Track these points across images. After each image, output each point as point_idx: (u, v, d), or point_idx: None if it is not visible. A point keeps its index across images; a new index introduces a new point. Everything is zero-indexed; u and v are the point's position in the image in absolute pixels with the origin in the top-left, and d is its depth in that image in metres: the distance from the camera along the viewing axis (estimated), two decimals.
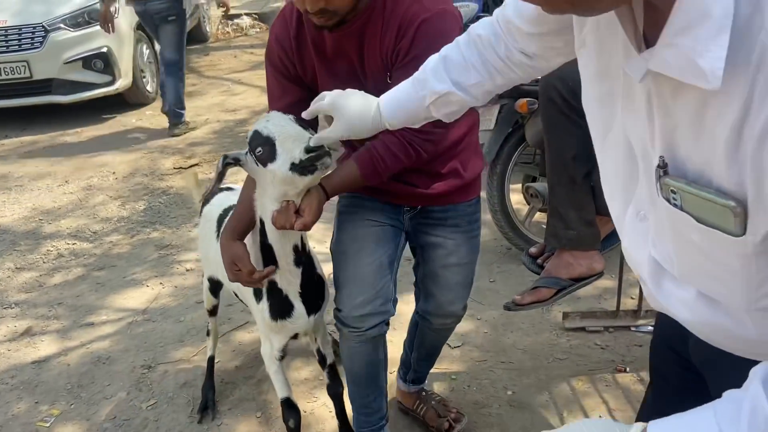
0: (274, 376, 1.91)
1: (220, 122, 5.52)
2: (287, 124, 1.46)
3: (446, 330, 2.05)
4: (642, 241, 0.90)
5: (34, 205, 4.16)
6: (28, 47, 5.26)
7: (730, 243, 0.73)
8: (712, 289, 0.84)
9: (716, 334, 0.90)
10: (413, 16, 1.48)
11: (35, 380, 2.57)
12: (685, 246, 0.81)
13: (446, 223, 1.80)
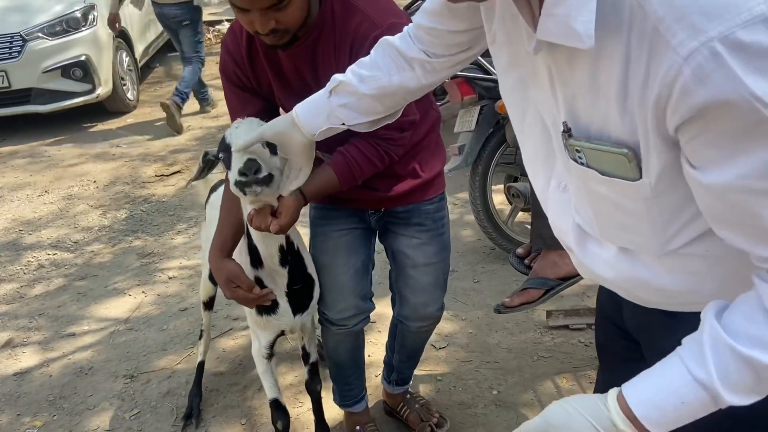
0: (263, 376, 1.92)
1: (202, 129, 5.50)
2: (246, 136, 1.41)
3: (426, 332, 2.04)
4: (565, 210, 0.97)
5: (13, 216, 4.11)
6: (5, 57, 5.21)
7: (632, 189, 0.82)
8: (628, 240, 0.91)
9: (638, 289, 0.96)
10: (364, 33, 1.48)
11: (17, 392, 2.53)
12: (598, 203, 0.89)
13: (410, 222, 1.81)
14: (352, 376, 2.06)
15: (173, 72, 7.30)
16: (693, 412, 0.81)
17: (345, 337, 1.92)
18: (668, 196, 0.83)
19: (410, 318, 1.95)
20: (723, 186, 0.73)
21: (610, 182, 0.83)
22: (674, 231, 0.86)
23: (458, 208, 3.77)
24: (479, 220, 3.12)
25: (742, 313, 0.79)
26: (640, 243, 0.89)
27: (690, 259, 0.89)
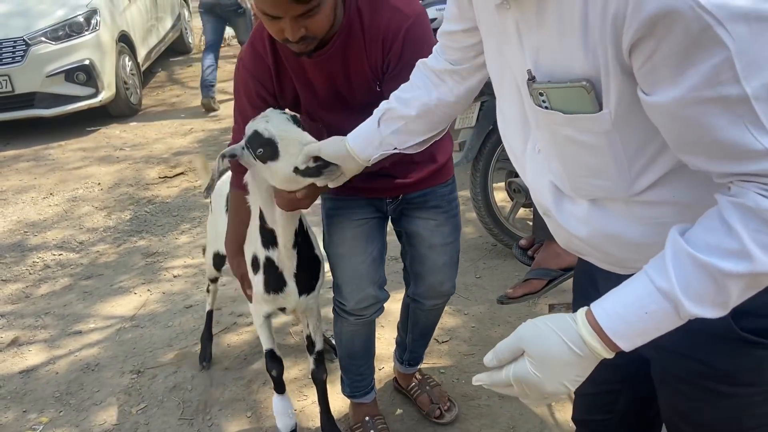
0: (259, 330, 2.00)
1: (204, 131, 5.53)
2: (288, 126, 1.46)
3: (437, 310, 2.10)
4: (541, 170, 1.02)
5: (18, 218, 4.14)
6: (9, 61, 5.25)
7: (593, 123, 0.86)
8: (596, 186, 0.94)
9: (610, 246, 0.99)
10: (397, 27, 1.50)
11: (23, 389, 2.56)
12: (565, 149, 0.94)
13: (427, 205, 1.87)
14: (364, 366, 2.10)
15: (175, 76, 7.35)
16: (657, 323, 0.84)
17: (361, 327, 1.96)
18: (629, 130, 0.86)
19: (425, 296, 2.00)
20: (677, 102, 0.76)
21: (573, 120, 0.88)
22: (639, 169, 0.89)
23: (460, 205, 3.79)
24: (481, 216, 3.14)
25: (703, 226, 0.82)
26: (607, 187, 0.93)
27: (659, 208, 0.93)
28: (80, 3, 5.65)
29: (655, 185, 0.91)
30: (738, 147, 0.76)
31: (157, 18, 7.06)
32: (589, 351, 0.87)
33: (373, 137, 1.35)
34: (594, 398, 1.29)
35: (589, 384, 1.26)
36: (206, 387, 2.47)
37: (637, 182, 0.91)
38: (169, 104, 6.39)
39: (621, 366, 1.18)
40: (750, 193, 0.78)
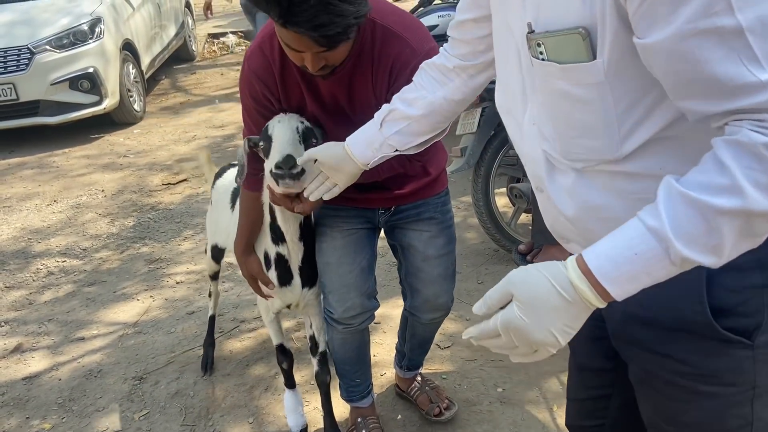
0: (269, 326, 2.10)
1: (207, 138, 5.55)
2: (286, 132, 1.57)
3: (436, 324, 2.08)
4: (536, 142, 1.03)
5: (22, 225, 4.16)
6: (13, 69, 5.28)
7: (587, 72, 0.88)
8: (586, 148, 0.94)
9: (592, 221, 0.99)
10: (406, 60, 1.53)
11: (26, 396, 2.57)
12: (558, 107, 0.95)
13: (421, 216, 1.87)
14: (358, 372, 2.09)
15: (178, 83, 7.38)
16: (647, 265, 0.82)
17: (350, 335, 1.96)
18: (620, 84, 0.87)
19: (422, 310, 1.99)
20: (673, 38, 0.78)
21: (567, 70, 0.89)
22: (628, 129, 0.90)
23: (461, 211, 3.80)
24: (482, 222, 3.14)
25: (696, 169, 0.82)
26: (596, 148, 0.93)
27: (643, 182, 0.92)
28: (84, 11, 5.69)
29: (642, 152, 0.91)
30: (733, 81, 0.77)
31: (160, 26, 7.09)
32: (577, 295, 0.85)
33: (374, 139, 1.36)
34: (586, 403, 1.29)
35: (580, 389, 1.28)
36: (208, 393, 2.48)
37: (625, 143, 0.91)
38: (173, 111, 6.42)
39: (611, 371, 1.20)
40: (743, 130, 0.78)
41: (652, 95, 0.88)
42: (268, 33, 1.59)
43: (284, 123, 1.59)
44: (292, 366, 2.16)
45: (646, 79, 0.86)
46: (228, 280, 3.29)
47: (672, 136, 0.90)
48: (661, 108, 0.89)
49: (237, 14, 10.56)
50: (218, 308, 3.01)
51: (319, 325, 2.05)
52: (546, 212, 1.10)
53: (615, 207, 0.96)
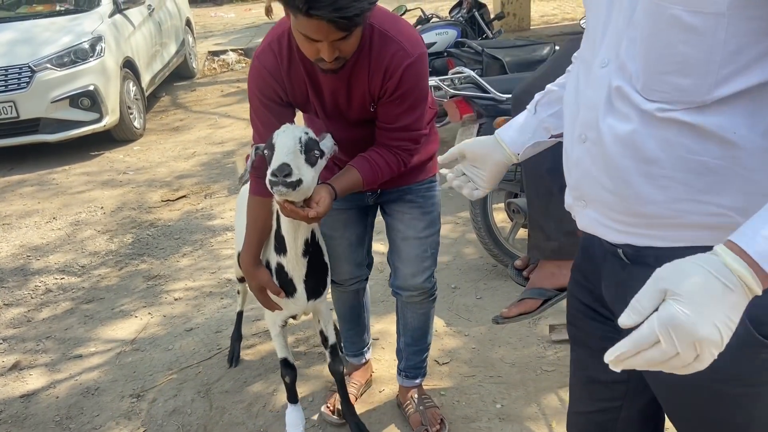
0: (275, 339, 2.15)
1: (207, 155, 5.57)
2: (287, 141, 1.60)
3: (417, 306, 2.19)
4: (602, 83, 0.99)
5: (21, 243, 4.17)
6: (14, 88, 5.31)
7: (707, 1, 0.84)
8: (674, 86, 0.90)
9: (637, 174, 0.96)
10: (399, 61, 1.68)
11: (24, 413, 2.55)
12: (660, 37, 0.90)
13: (404, 198, 2.04)
14: (351, 331, 2.42)
15: (179, 100, 7.42)
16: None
17: (344, 293, 2.29)
18: (739, 21, 0.84)
19: (401, 287, 2.15)
20: None
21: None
22: (727, 72, 0.87)
23: (460, 226, 3.80)
24: (480, 237, 3.15)
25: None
26: (687, 88, 0.89)
27: (712, 144, 0.90)
28: (86, 30, 5.74)
29: (728, 104, 0.88)
30: None
31: (161, 44, 7.15)
32: (737, 281, 0.78)
33: (528, 123, 1.31)
34: (593, 416, 1.27)
35: (588, 402, 1.26)
36: (206, 411, 2.46)
37: (718, 88, 0.88)
38: (173, 128, 6.45)
39: (624, 382, 1.19)
40: None
41: (763, 45, 0.85)
42: (277, 34, 1.73)
43: (288, 132, 1.63)
44: (295, 380, 2.19)
45: (765, 25, 0.84)
46: (226, 296, 3.29)
47: (760, 98, 0.87)
48: (764, 62, 0.86)
49: (237, 32, 10.65)
50: (218, 325, 3.01)
51: (326, 320, 2.15)
52: (579, 165, 1.05)
53: (669, 164, 0.93)
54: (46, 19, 5.99)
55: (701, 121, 0.90)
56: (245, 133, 6.00)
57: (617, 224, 1.02)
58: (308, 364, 2.68)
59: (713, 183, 0.92)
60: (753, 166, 0.90)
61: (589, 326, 1.21)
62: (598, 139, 1.00)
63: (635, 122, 0.95)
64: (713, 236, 0.93)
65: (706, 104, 0.89)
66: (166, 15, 7.46)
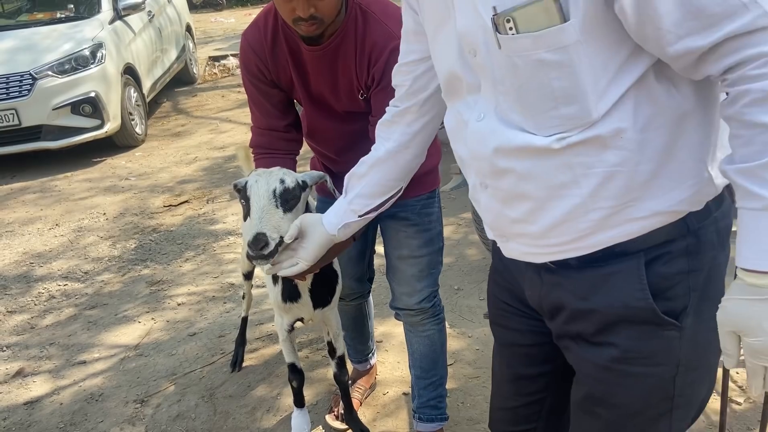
0: (282, 344, 2.13)
1: (209, 159, 5.58)
2: (261, 199, 1.51)
3: (418, 327, 2.05)
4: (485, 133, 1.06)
5: (24, 250, 4.17)
6: (16, 95, 5.32)
7: (561, 36, 0.90)
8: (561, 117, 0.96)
9: (553, 199, 1.02)
10: (383, 44, 1.60)
11: (28, 420, 2.55)
12: (532, 81, 0.96)
13: (397, 216, 1.89)
14: (354, 340, 2.41)
15: (180, 106, 7.44)
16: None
17: (346, 306, 2.25)
18: (595, 40, 0.91)
19: (397, 308, 2.05)
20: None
21: (542, 37, 0.92)
22: (603, 87, 0.93)
23: (462, 227, 3.80)
24: (483, 238, 3.14)
25: (738, 146, 0.89)
26: (573, 115, 0.95)
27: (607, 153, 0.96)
28: (86, 37, 5.75)
29: (614, 112, 0.94)
30: (715, 4, 0.82)
31: (162, 50, 7.16)
32: (763, 290, 0.88)
33: (340, 206, 1.42)
34: (519, 410, 1.32)
35: (513, 398, 1.33)
36: (210, 415, 2.46)
37: (602, 101, 0.93)
38: (174, 134, 6.46)
39: (548, 374, 1.26)
40: (750, 87, 0.84)
41: (623, 52, 0.92)
42: (264, 12, 1.70)
43: (261, 184, 1.53)
44: (302, 385, 2.18)
45: (619, 34, 0.90)
46: (230, 300, 3.29)
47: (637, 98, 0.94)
48: (633, 63, 0.93)
49: (237, 37, 10.67)
50: (223, 329, 3.01)
51: (336, 332, 2.12)
52: (489, 209, 1.12)
53: (573, 184, 0.99)
54: (47, 26, 6.00)
55: (596, 133, 0.95)
56: (246, 137, 6.00)
57: (539, 248, 1.07)
58: (312, 367, 2.68)
59: (614, 187, 0.98)
60: (638, 159, 0.97)
61: (515, 323, 1.26)
62: (497, 183, 1.07)
63: (532, 158, 1.00)
64: (628, 230, 1.00)
65: (599, 118, 0.95)
66: (166, 21, 7.47)
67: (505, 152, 1.03)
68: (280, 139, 1.86)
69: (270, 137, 1.86)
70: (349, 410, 2.24)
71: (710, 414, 2.20)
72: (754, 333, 0.90)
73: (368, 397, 2.47)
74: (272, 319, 3.06)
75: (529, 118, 0.99)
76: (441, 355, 2.11)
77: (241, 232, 4.00)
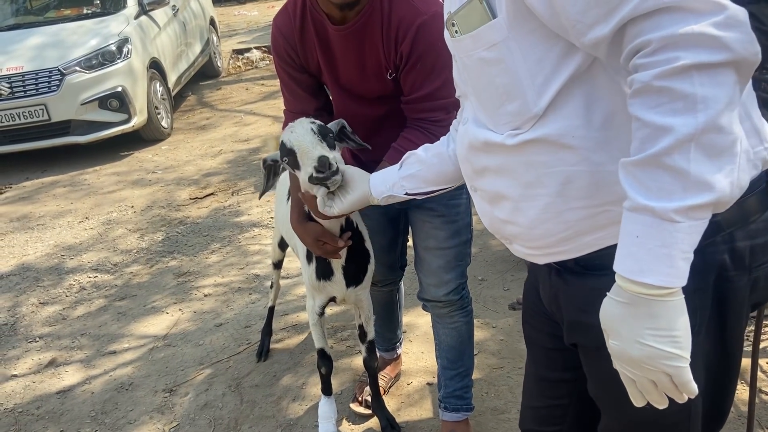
0: (312, 329, 2.15)
1: (233, 152, 5.63)
2: (305, 137, 1.57)
3: (445, 318, 2.05)
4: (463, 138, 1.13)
5: (56, 242, 4.26)
6: (45, 91, 5.42)
7: (493, 32, 0.95)
8: (511, 113, 1.00)
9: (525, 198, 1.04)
10: (410, 21, 1.57)
11: (60, 409, 2.62)
12: (481, 80, 1.02)
13: (424, 206, 1.89)
14: (382, 327, 2.41)
15: (204, 99, 7.50)
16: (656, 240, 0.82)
17: (377, 293, 2.25)
18: (524, 36, 0.94)
19: (424, 299, 2.05)
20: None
21: (477, 37, 0.98)
22: (541, 82, 0.95)
23: None
24: None
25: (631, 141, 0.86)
26: (518, 111, 0.99)
27: (560, 153, 0.98)
28: (112, 32, 5.83)
29: (555, 108, 0.96)
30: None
31: (186, 44, 7.22)
32: (629, 294, 0.85)
33: (390, 177, 1.44)
34: (544, 411, 1.32)
35: (538, 398, 1.33)
36: (236, 404, 2.50)
37: (541, 97, 0.96)
38: (200, 127, 6.52)
39: (571, 381, 1.24)
40: (635, 77, 0.82)
41: (558, 47, 0.93)
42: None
43: (297, 129, 1.59)
44: (330, 372, 2.19)
45: (547, 29, 0.92)
46: (255, 291, 3.32)
47: (593, 94, 0.94)
48: (568, 59, 0.93)
49: (260, 30, 10.72)
50: (248, 320, 3.05)
51: (368, 315, 2.13)
52: (484, 213, 1.16)
53: (539, 184, 1.01)
54: (74, 22, 6.09)
55: (544, 133, 0.97)
56: (270, 129, 6.04)
57: (533, 250, 1.09)
58: (337, 357, 2.70)
59: (581, 188, 0.97)
60: (601, 159, 0.95)
61: (538, 323, 1.26)
62: (481, 183, 1.11)
63: (501, 155, 1.04)
64: (611, 233, 0.98)
65: (539, 116, 0.97)
66: (190, 15, 7.53)
67: (476, 149, 1.08)
68: None
69: None
70: (377, 396, 2.25)
71: (739, 405, 2.17)
72: (613, 335, 0.89)
73: (393, 386, 2.49)
74: (298, 309, 3.09)
75: (489, 116, 1.04)
76: (468, 347, 2.11)
77: (265, 223, 4.04)
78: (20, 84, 5.39)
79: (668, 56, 0.78)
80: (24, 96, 5.39)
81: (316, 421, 2.26)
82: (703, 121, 0.77)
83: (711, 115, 0.77)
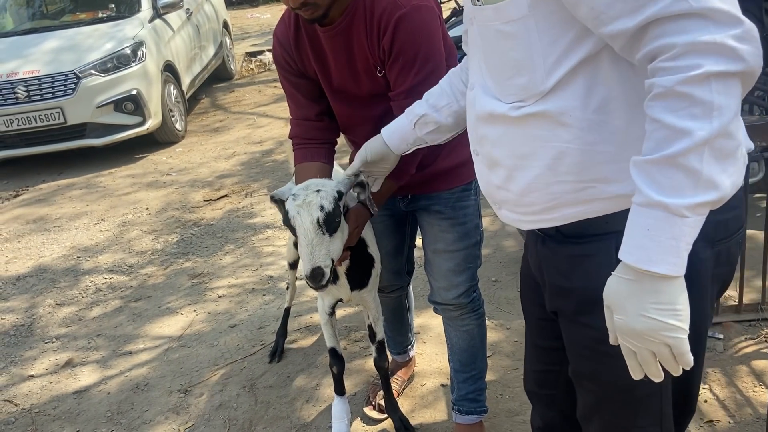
0: (324, 328, 2.17)
1: (247, 154, 5.65)
2: (309, 231, 1.57)
3: (456, 321, 2.04)
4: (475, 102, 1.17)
5: (72, 244, 4.30)
6: (61, 94, 5.48)
7: (513, 8, 1.00)
8: (518, 87, 1.06)
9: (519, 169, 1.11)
10: (390, 14, 1.59)
11: (76, 409, 2.64)
12: (494, 49, 1.07)
13: (431, 209, 1.92)
14: (393, 331, 2.41)
15: (218, 102, 7.55)
16: (665, 233, 0.89)
17: (386, 297, 2.25)
18: (543, 17, 0.99)
19: (435, 302, 2.05)
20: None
21: (499, 9, 1.03)
22: (552, 61, 1.01)
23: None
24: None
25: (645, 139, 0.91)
26: (526, 85, 1.05)
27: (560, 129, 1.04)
28: (127, 36, 5.88)
29: (563, 87, 1.01)
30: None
31: (200, 47, 7.27)
32: (635, 273, 0.92)
33: (409, 136, 1.52)
34: (541, 375, 1.42)
35: (536, 362, 1.44)
36: (251, 405, 2.51)
37: (550, 76, 1.02)
38: (213, 129, 6.56)
39: (560, 350, 1.31)
40: (657, 81, 0.87)
41: (573, 32, 0.98)
42: None
43: (304, 217, 1.56)
44: (342, 371, 2.20)
45: (566, 13, 0.97)
46: (268, 293, 3.34)
47: (588, 79, 1.00)
48: (580, 44, 0.99)
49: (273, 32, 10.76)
50: (261, 321, 3.06)
51: (376, 316, 2.13)
52: (481, 176, 1.23)
53: (534, 155, 1.08)
54: (89, 26, 6.16)
55: (545, 108, 1.03)
56: (283, 131, 6.06)
57: (521, 215, 1.16)
58: (350, 358, 2.70)
59: (571, 164, 1.05)
60: (593, 140, 1.03)
61: (530, 293, 1.36)
62: (482, 149, 1.18)
63: (502, 126, 1.11)
64: (592, 208, 1.07)
65: (546, 93, 1.03)
66: (203, 18, 7.59)
67: (482, 119, 1.15)
68: (314, 129, 1.88)
69: (305, 127, 1.89)
70: (390, 398, 2.25)
71: (757, 407, 2.15)
72: (618, 310, 0.95)
73: (406, 388, 2.49)
74: (311, 310, 3.10)
75: (497, 85, 1.10)
76: (480, 350, 2.10)
77: (278, 225, 4.06)
78: (37, 87, 5.45)
79: (691, 63, 0.84)
80: (40, 99, 5.45)
81: (329, 423, 2.26)
82: (717, 126, 0.85)
83: (724, 122, 0.85)
